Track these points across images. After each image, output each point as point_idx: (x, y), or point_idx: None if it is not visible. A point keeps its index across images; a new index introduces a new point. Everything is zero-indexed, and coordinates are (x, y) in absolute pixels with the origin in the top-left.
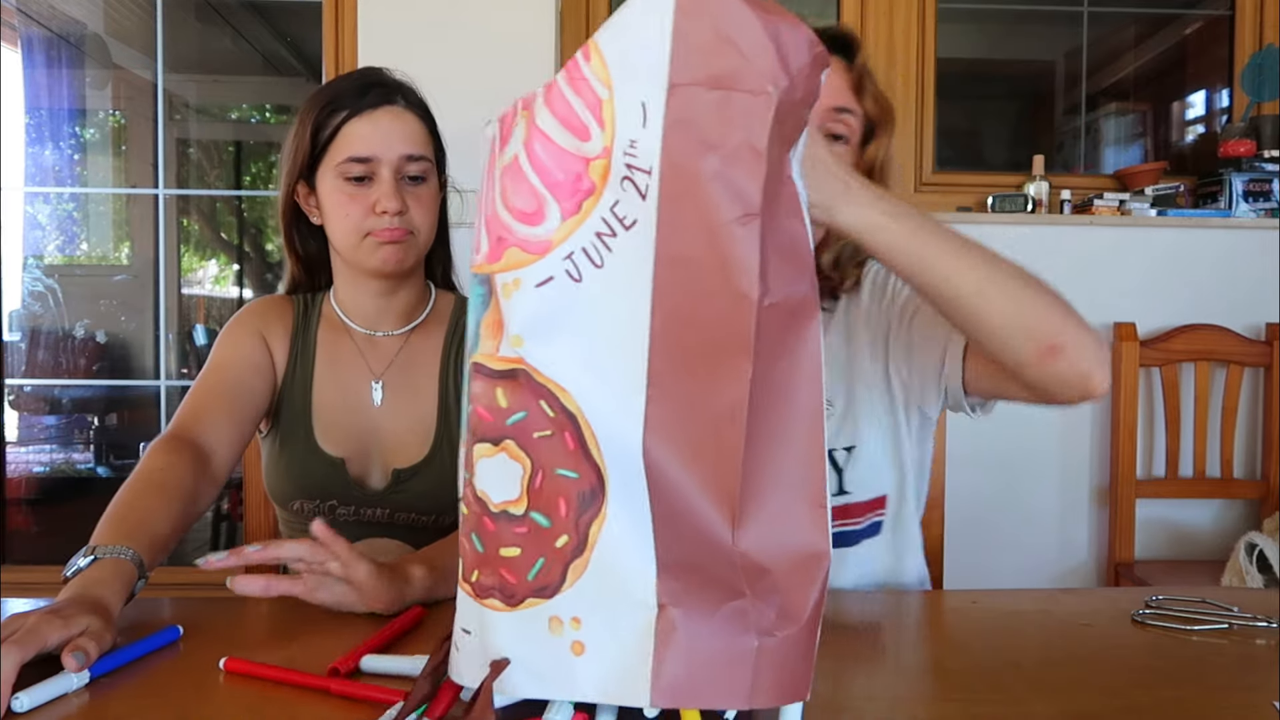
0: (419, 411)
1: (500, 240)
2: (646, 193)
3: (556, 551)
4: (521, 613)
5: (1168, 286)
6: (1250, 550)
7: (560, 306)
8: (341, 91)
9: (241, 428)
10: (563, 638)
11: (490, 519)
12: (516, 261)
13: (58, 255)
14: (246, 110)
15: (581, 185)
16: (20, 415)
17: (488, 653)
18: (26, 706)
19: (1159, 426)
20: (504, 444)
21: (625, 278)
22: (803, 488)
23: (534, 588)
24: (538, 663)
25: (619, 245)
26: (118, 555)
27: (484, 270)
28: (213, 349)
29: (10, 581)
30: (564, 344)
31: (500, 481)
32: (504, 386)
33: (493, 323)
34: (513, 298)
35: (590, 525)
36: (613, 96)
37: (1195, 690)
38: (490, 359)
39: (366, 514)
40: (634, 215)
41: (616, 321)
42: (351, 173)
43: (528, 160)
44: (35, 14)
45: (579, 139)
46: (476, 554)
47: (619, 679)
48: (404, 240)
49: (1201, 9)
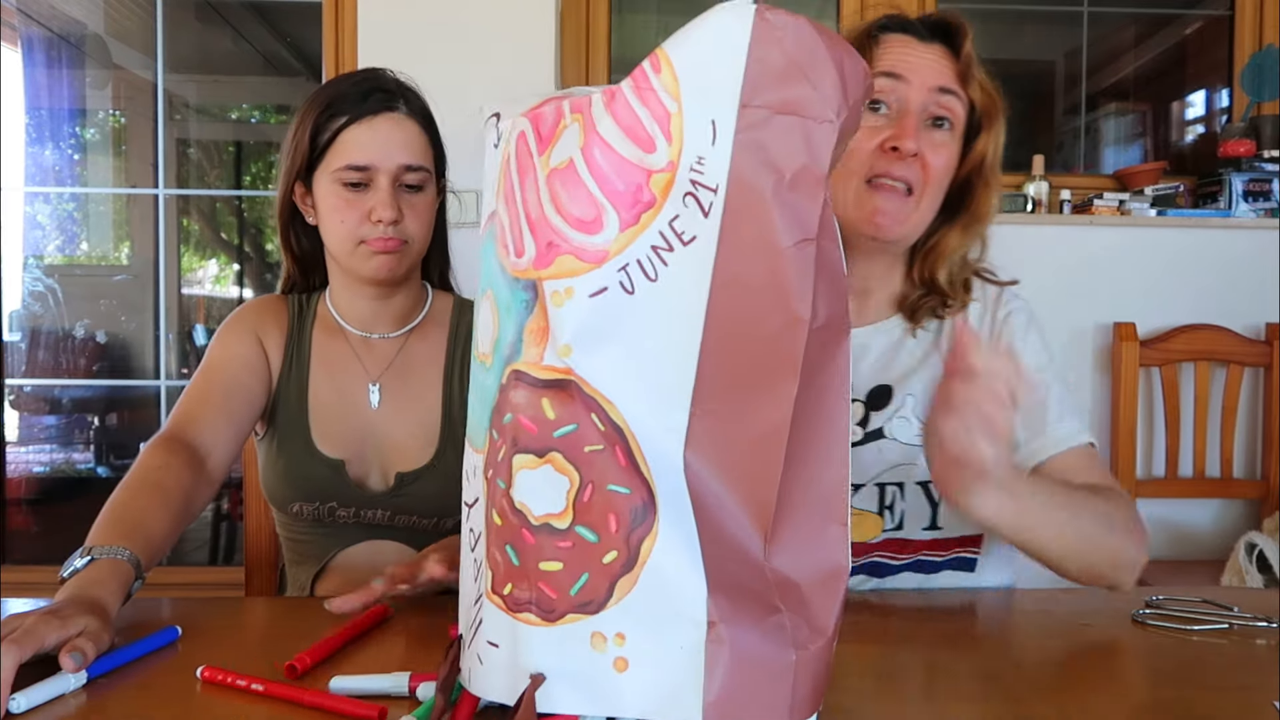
0: (420, 415)
1: (551, 246)
2: (710, 210)
3: (603, 567)
4: (561, 628)
5: (1168, 286)
6: (1250, 550)
7: (611, 318)
8: (342, 94)
9: (237, 427)
10: (605, 654)
11: (530, 532)
12: (570, 270)
13: (58, 255)
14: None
15: (642, 197)
16: (20, 415)
17: (521, 667)
18: (24, 707)
19: (1159, 426)
20: (550, 456)
21: (679, 293)
22: (830, 506)
23: (576, 603)
24: (577, 679)
25: (675, 260)
26: (115, 556)
27: (529, 275)
28: (208, 349)
29: (10, 581)
30: (612, 356)
31: (543, 494)
32: (551, 397)
33: (538, 329)
34: (565, 306)
35: (642, 542)
36: (682, 111)
37: (1195, 690)
38: (534, 367)
39: (367, 516)
40: (694, 231)
41: (666, 336)
42: (348, 179)
43: (586, 167)
44: (35, 14)
45: (644, 150)
46: (512, 567)
47: (667, 696)
48: (397, 250)
49: (1201, 9)
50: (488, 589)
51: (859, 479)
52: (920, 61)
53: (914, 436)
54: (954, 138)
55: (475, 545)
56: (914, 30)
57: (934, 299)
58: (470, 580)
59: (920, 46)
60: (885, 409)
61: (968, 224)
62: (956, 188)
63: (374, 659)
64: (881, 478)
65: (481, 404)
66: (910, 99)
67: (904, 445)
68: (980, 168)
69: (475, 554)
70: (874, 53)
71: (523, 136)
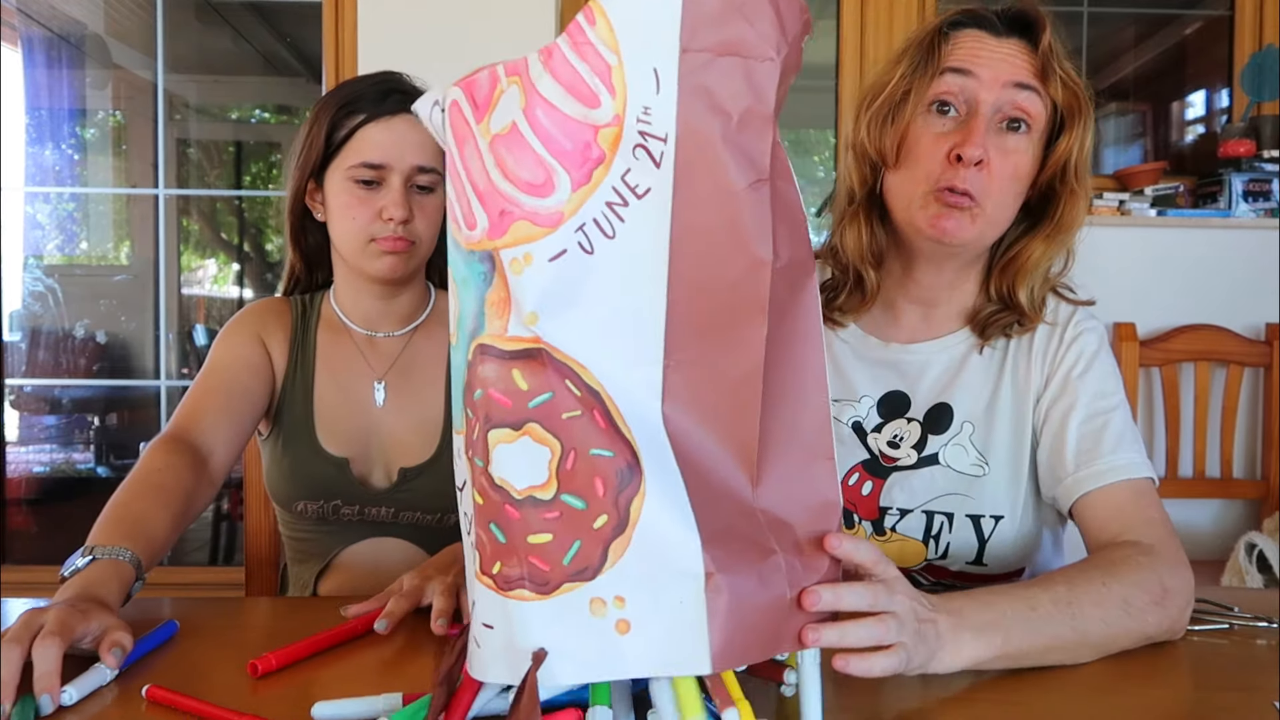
0: (424, 411)
1: (504, 214)
2: (661, 160)
3: (595, 533)
4: (558, 599)
5: (1168, 286)
6: (1250, 550)
7: (573, 280)
8: (360, 94)
9: (239, 428)
10: (606, 618)
11: (513, 506)
12: (525, 235)
13: (58, 255)
14: (246, 110)
15: (591, 154)
16: (20, 415)
17: (518, 645)
18: (75, 698)
19: (1159, 426)
20: (527, 428)
21: (639, 247)
22: (814, 441)
23: (571, 572)
24: (579, 648)
25: (631, 214)
26: (116, 556)
27: (484, 246)
28: (210, 351)
29: (10, 581)
30: (578, 318)
31: (523, 467)
32: (521, 367)
33: (498, 300)
34: (524, 274)
35: (631, 503)
36: (622, 63)
37: (1195, 690)
38: (500, 339)
39: (371, 513)
40: (647, 183)
41: (630, 292)
42: (362, 177)
43: (530, 129)
44: (35, 14)
45: (587, 106)
46: (498, 545)
47: (674, 650)
48: (406, 251)
49: (1201, 9)
50: (477, 570)
51: (908, 504)
52: (994, 56)
53: (970, 466)
54: (1031, 141)
55: (471, 529)
56: (988, 25)
57: (1009, 316)
58: (471, 563)
59: (994, 42)
60: (943, 434)
61: (1052, 234)
62: (1039, 194)
63: (359, 667)
64: (931, 505)
65: (456, 384)
66: (980, 98)
67: (957, 474)
68: (1064, 172)
69: (470, 537)
70: (943, 50)
71: (456, 107)
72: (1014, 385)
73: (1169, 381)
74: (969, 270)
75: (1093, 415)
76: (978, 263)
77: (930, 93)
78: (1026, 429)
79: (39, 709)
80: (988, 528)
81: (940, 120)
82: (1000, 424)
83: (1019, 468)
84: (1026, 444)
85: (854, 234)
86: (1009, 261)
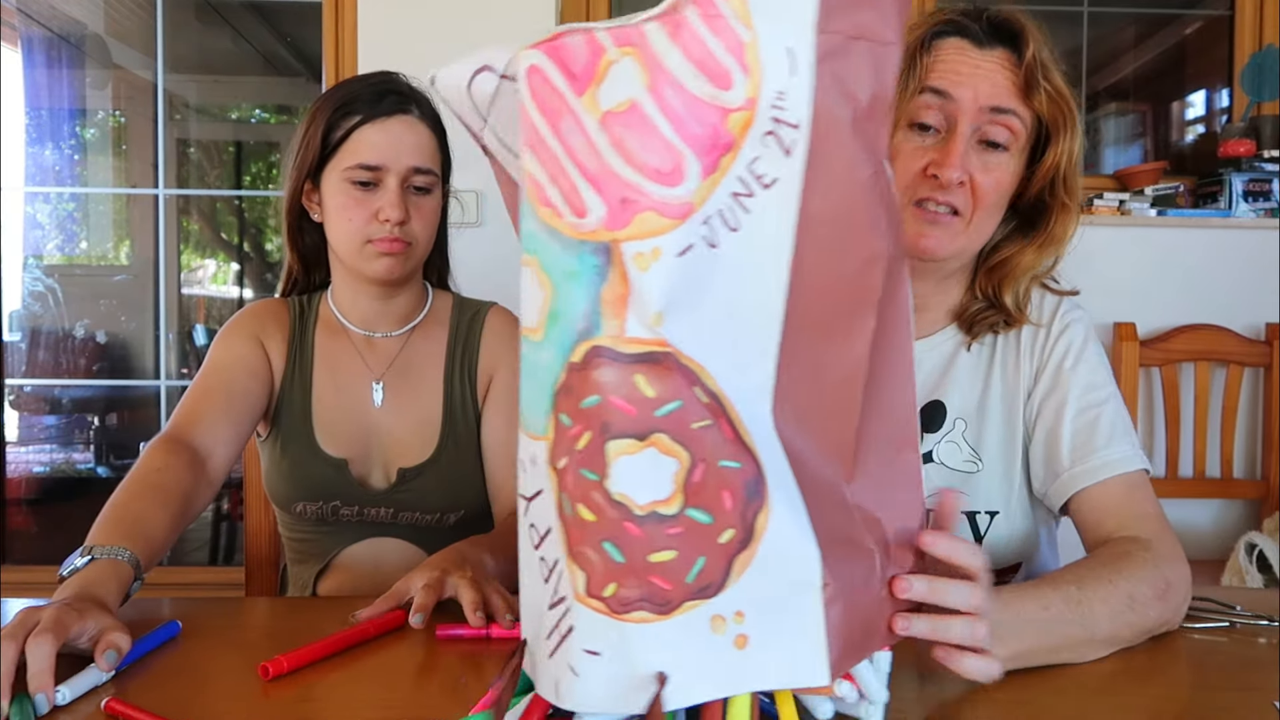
0: (422, 411)
1: (627, 203)
2: (792, 149)
3: (720, 548)
4: (679, 618)
5: (1168, 286)
6: (1250, 550)
7: (697, 277)
8: (357, 94)
9: (238, 429)
10: (725, 635)
11: (634, 524)
12: (653, 228)
13: (58, 255)
14: (246, 110)
15: (720, 139)
16: (20, 415)
17: (636, 671)
18: (69, 698)
19: (1159, 426)
20: (653, 438)
21: (761, 242)
22: (901, 433)
23: (694, 589)
24: (698, 667)
25: (757, 206)
26: (115, 556)
27: (600, 237)
28: (209, 352)
29: (10, 581)
30: (700, 319)
31: (648, 481)
32: (645, 373)
33: (615, 298)
34: (651, 270)
35: (756, 516)
36: (756, 39)
37: (1195, 690)
38: (618, 341)
39: (370, 514)
40: (774, 173)
41: (750, 290)
42: (358, 178)
43: (658, 109)
44: (35, 14)
45: (718, 87)
46: (615, 566)
47: (793, 663)
48: (402, 252)
49: (1201, 9)
50: (580, 592)
51: None
52: (974, 74)
53: (963, 462)
54: (1011, 157)
55: (541, 543)
56: (971, 35)
57: (995, 314)
58: (537, 582)
59: (977, 54)
60: (936, 431)
61: (1044, 244)
62: (1029, 204)
63: (363, 670)
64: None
65: (536, 384)
66: (958, 121)
67: (951, 470)
68: (1053, 184)
69: (542, 552)
70: (925, 62)
71: (538, 74)
72: (1004, 381)
73: (1169, 381)
74: (955, 276)
75: (1085, 409)
76: (964, 269)
77: (909, 112)
78: (1018, 424)
79: (35, 707)
80: (983, 524)
81: (919, 136)
82: (992, 420)
83: (1011, 463)
84: (1019, 439)
85: None
86: (998, 266)
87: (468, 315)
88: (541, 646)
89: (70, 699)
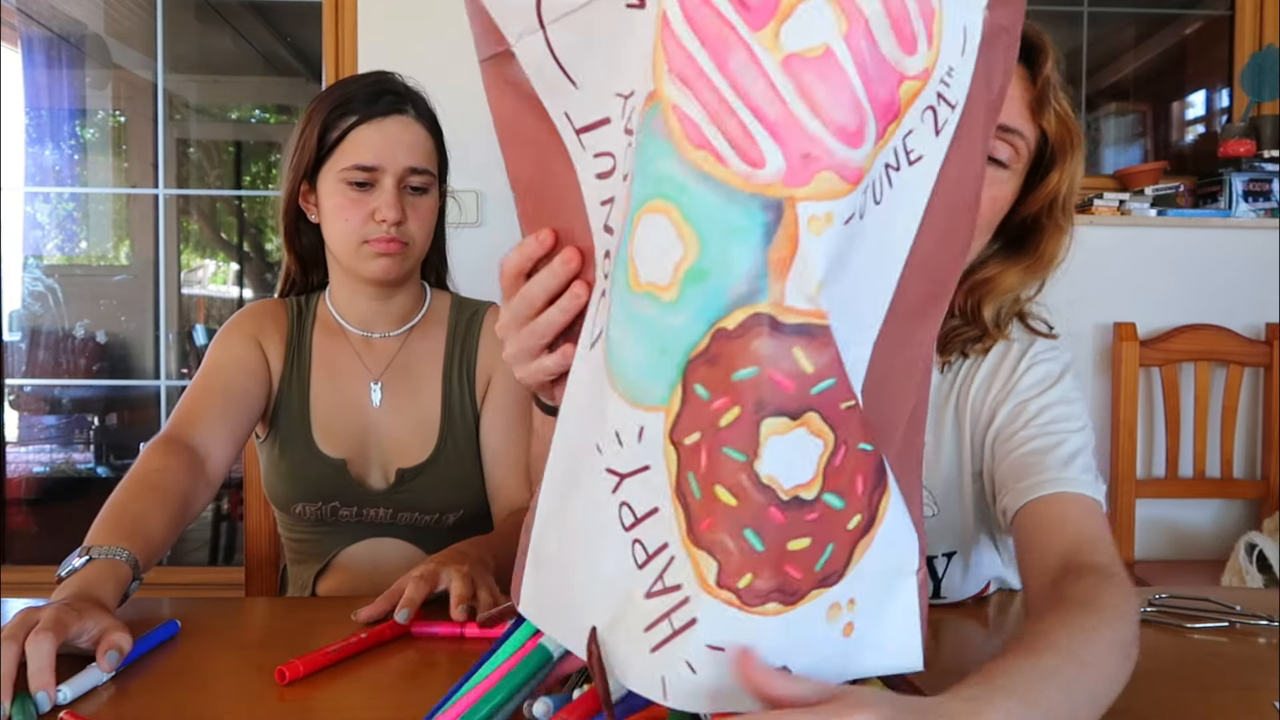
0: (420, 412)
1: (809, 159)
2: (942, 128)
3: (847, 535)
4: (802, 609)
5: (1168, 286)
6: (1250, 550)
7: (847, 249)
8: (353, 95)
9: (236, 430)
10: (838, 623)
11: (779, 509)
12: (832, 190)
13: (58, 255)
14: (246, 110)
15: (893, 106)
16: (20, 415)
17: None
18: (70, 697)
19: (1159, 426)
20: (805, 417)
21: (894, 218)
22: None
23: (820, 578)
24: (812, 657)
25: (899, 182)
26: (113, 556)
27: (775, 193)
28: (207, 353)
29: (10, 581)
30: (839, 293)
31: (796, 463)
32: (803, 346)
33: (779, 260)
34: (824, 235)
35: (880, 501)
36: (943, 10)
37: (1195, 690)
38: (779, 309)
39: (368, 514)
40: (921, 150)
41: (875, 265)
42: (354, 179)
43: (852, 62)
44: (35, 14)
45: (904, 51)
46: (754, 554)
47: (893, 648)
48: (399, 252)
49: (1201, 9)
50: (709, 582)
51: None
52: None
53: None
54: (1012, 174)
55: (638, 524)
56: None
57: (970, 330)
58: (625, 566)
59: None
60: None
61: (1031, 266)
62: (1020, 225)
63: (378, 673)
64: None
65: (657, 348)
66: None
67: None
68: (1050, 207)
69: (638, 534)
70: None
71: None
72: (956, 418)
73: (1169, 381)
74: None
75: (1048, 433)
76: None
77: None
78: (968, 463)
79: (37, 706)
80: (940, 565)
81: None
82: (947, 459)
83: (964, 499)
84: (969, 478)
85: None
86: (981, 283)
87: (466, 315)
88: (637, 640)
89: (71, 698)
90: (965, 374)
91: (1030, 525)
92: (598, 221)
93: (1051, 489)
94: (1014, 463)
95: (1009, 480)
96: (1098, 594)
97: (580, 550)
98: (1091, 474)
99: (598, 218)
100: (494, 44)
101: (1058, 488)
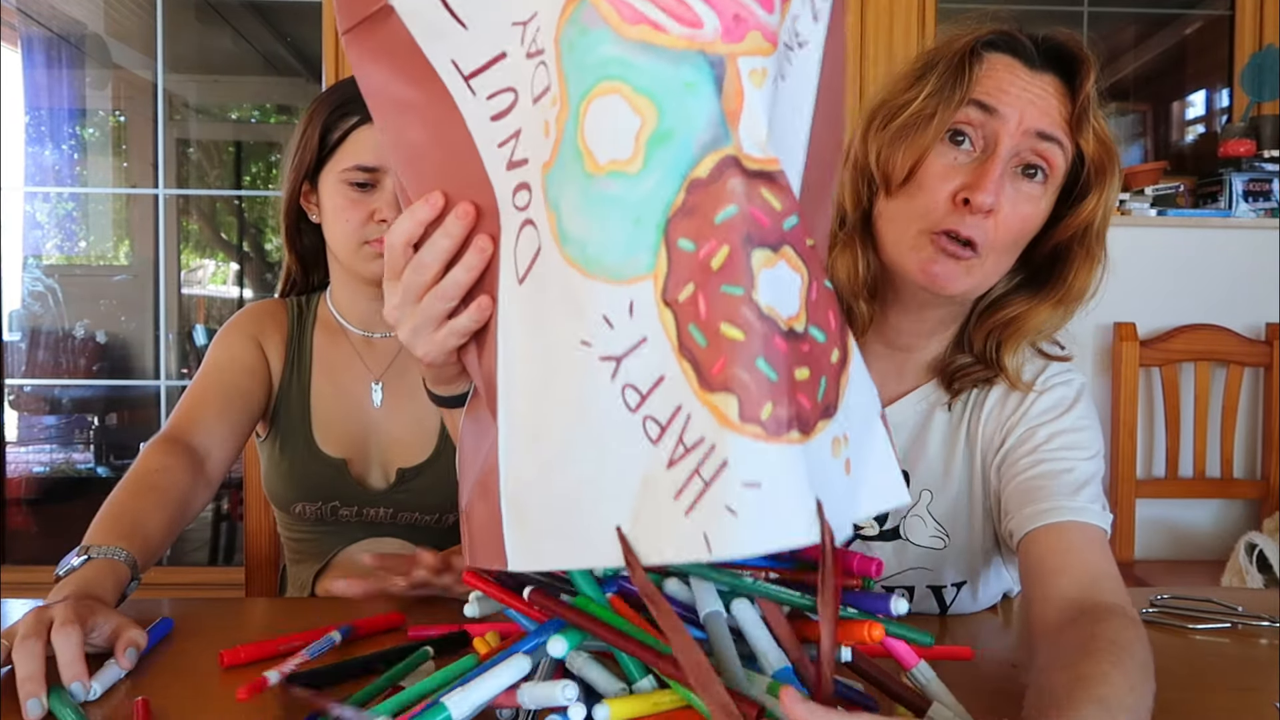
0: (421, 412)
1: (739, 19)
2: (818, 16)
3: (832, 367)
4: (815, 440)
5: (1167, 286)
6: (1250, 550)
7: (774, 109)
8: (353, 95)
9: (236, 430)
10: (840, 458)
11: (782, 339)
12: (760, 48)
13: (57, 255)
14: (246, 110)
15: None
16: (20, 415)
17: (799, 498)
18: (98, 693)
19: (1159, 426)
20: (783, 250)
21: (796, 99)
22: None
23: (823, 409)
24: (828, 493)
25: (795, 62)
26: (111, 556)
27: (716, 50)
28: (207, 353)
29: (10, 581)
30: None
31: (785, 295)
32: (767, 186)
33: (732, 112)
34: (764, 88)
35: (848, 337)
36: None
37: (1196, 690)
38: (739, 155)
39: (369, 514)
40: (806, 35)
41: (789, 132)
42: (356, 179)
43: None
44: (35, 14)
45: None
46: (769, 384)
47: (884, 484)
48: None
49: (1201, 9)
50: (733, 420)
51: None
52: (1024, 95)
53: (929, 538)
54: (1046, 191)
55: (644, 401)
56: (1023, 53)
57: (982, 371)
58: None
59: (1027, 75)
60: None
61: (1062, 300)
62: (1050, 253)
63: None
64: (893, 580)
65: (630, 221)
66: (1000, 139)
67: (918, 548)
68: (1083, 234)
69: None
70: (973, 73)
71: None
72: (967, 446)
73: (1169, 381)
74: (952, 319)
75: (1057, 459)
76: (957, 316)
77: (950, 121)
78: (979, 491)
79: (74, 696)
80: (949, 595)
81: (953, 151)
82: (957, 488)
83: (975, 533)
84: (980, 507)
85: (846, 263)
86: (1006, 323)
87: None
88: (668, 512)
89: (100, 693)
90: (975, 400)
91: (1037, 554)
92: (498, 163)
93: (1058, 517)
94: (1021, 487)
95: (1015, 504)
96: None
97: (577, 459)
98: (1099, 503)
99: (498, 159)
100: (365, 6)
101: (1065, 516)
